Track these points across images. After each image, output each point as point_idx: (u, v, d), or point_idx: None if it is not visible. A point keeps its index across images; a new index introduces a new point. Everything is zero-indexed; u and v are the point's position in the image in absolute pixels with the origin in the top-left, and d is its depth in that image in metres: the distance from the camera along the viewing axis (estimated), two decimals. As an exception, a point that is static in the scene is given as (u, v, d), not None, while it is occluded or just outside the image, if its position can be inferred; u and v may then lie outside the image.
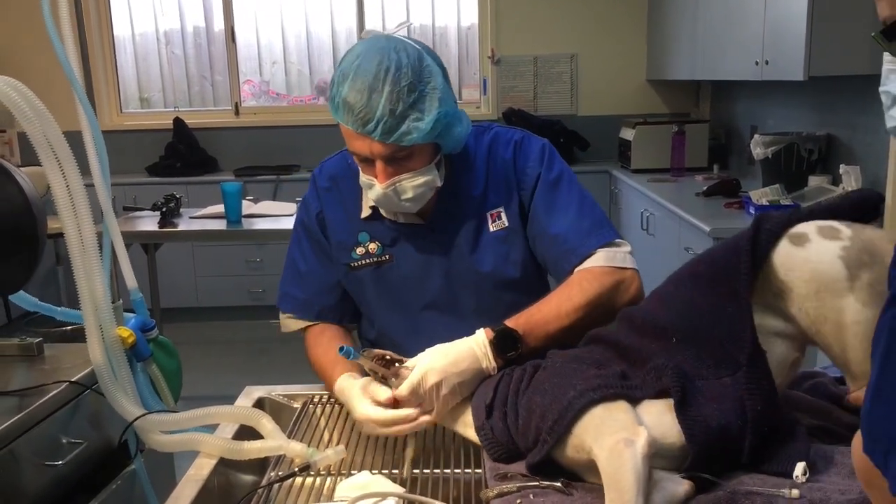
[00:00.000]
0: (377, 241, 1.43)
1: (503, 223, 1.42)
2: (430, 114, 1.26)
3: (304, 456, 1.15)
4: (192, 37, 5.31)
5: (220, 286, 4.80)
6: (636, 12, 4.95)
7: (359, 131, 1.26)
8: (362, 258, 1.44)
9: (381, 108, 1.23)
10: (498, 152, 1.43)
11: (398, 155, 1.28)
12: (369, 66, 1.24)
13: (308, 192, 1.52)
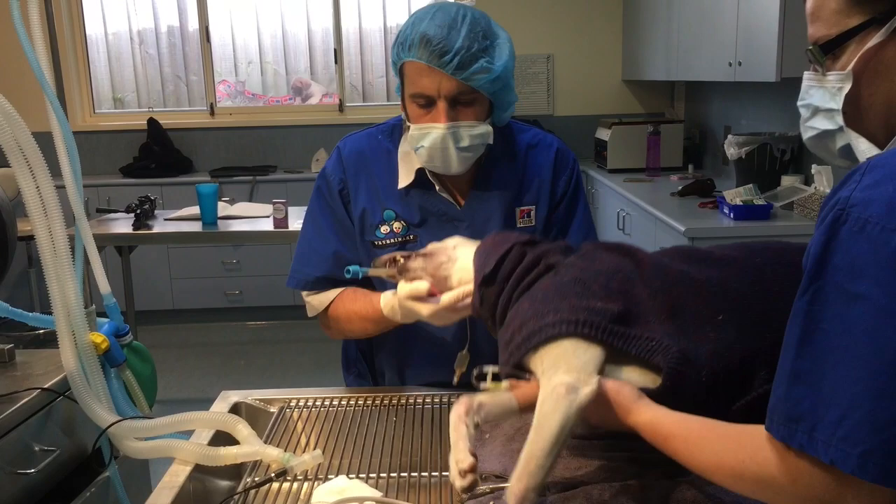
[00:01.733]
0: (403, 221, 1.46)
1: (530, 221, 1.48)
2: (500, 62, 1.34)
3: (281, 461, 1.14)
4: (167, 36, 5.26)
5: (195, 288, 4.76)
6: (612, 13, 4.98)
7: (433, 64, 1.31)
8: (387, 237, 1.46)
9: (459, 41, 1.30)
10: (538, 154, 1.51)
11: (462, 98, 1.35)
12: (447, 10, 1.34)
13: (330, 164, 1.51)
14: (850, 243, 0.69)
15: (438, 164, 1.40)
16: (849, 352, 0.68)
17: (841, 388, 0.68)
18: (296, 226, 3.23)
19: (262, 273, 4.74)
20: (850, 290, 0.69)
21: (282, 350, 4.46)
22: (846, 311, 0.69)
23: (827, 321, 0.70)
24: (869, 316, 0.68)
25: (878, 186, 0.70)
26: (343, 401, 1.41)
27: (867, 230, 0.68)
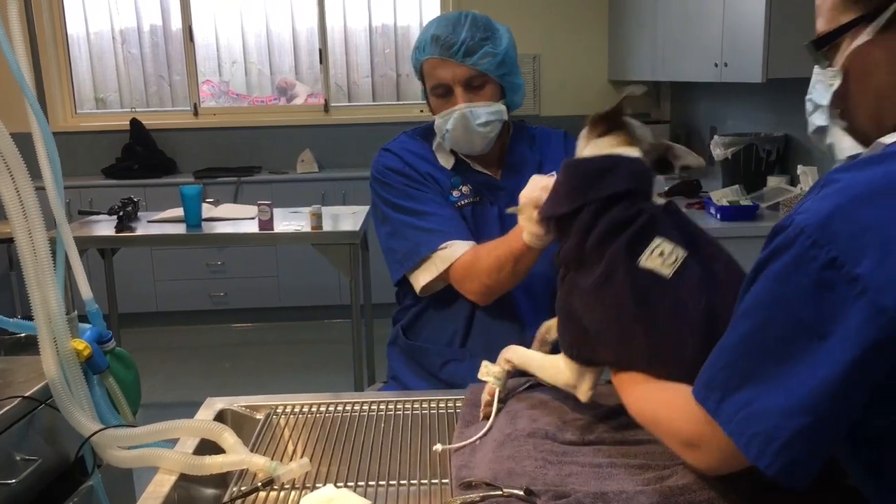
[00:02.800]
0: (468, 185, 1.68)
1: None
2: (502, 48, 1.60)
3: (268, 470, 1.12)
4: (149, 36, 5.21)
5: (179, 290, 4.72)
6: (597, 14, 4.98)
7: (444, 56, 1.57)
8: (459, 199, 1.67)
9: (462, 34, 1.57)
10: (549, 139, 1.76)
11: (474, 83, 1.59)
12: (451, 14, 1.63)
13: (382, 161, 1.69)
14: (782, 250, 0.76)
15: (463, 144, 1.64)
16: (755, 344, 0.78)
17: (750, 373, 0.78)
18: (281, 227, 3.20)
19: (247, 275, 4.71)
20: (775, 292, 0.76)
21: (267, 352, 4.43)
22: (770, 312, 0.77)
23: (753, 315, 0.79)
24: (786, 322, 0.75)
25: (823, 200, 0.74)
26: (331, 407, 1.39)
27: (799, 240, 0.74)
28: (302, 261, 4.56)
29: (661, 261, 1.01)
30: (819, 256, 0.72)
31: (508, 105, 1.65)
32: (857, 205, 0.72)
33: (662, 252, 1.02)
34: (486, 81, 1.60)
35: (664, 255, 1.01)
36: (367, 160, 4.83)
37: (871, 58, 0.83)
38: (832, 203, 0.73)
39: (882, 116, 0.84)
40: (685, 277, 1.00)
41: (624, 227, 1.04)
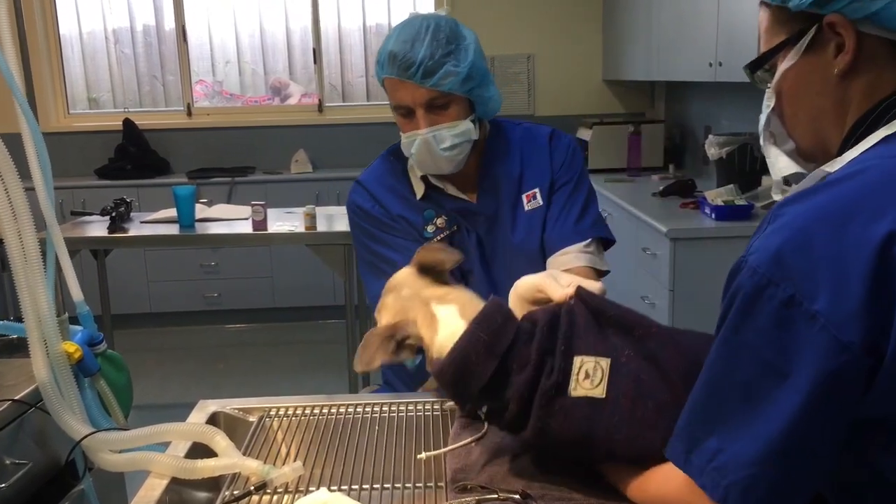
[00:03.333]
0: (443, 216, 1.57)
1: (538, 202, 1.59)
2: (465, 62, 1.44)
3: (260, 474, 1.11)
4: (142, 35, 5.19)
5: (173, 291, 4.70)
6: (592, 13, 4.97)
7: (402, 77, 1.43)
8: (435, 234, 1.57)
9: (421, 52, 1.41)
10: (534, 140, 1.62)
11: (437, 103, 1.45)
12: (412, 25, 1.45)
13: (353, 198, 1.62)
14: (739, 292, 0.75)
15: (430, 167, 1.52)
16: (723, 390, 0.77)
17: (717, 420, 0.76)
18: (275, 228, 3.18)
19: (241, 276, 4.69)
20: (736, 336, 0.76)
21: (261, 353, 4.42)
22: (733, 355, 0.76)
23: (717, 361, 0.78)
24: (748, 364, 0.74)
25: (771, 236, 0.74)
26: (325, 409, 1.38)
27: (753, 281, 0.73)
28: (296, 261, 4.54)
29: (589, 382, 0.97)
30: (776, 295, 0.71)
31: (480, 118, 1.54)
32: (806, 237, 0.71)
33: (587, 373, 0.97)
34: (451, 100, 1.46)
35: (590, 376, 0.97)
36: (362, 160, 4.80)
37: (798, 79, 0.84)
38: (781, 238, 0.73)
39: (823, 137, 0.84)
40: (619, 387, 0.96)
41: (533, 382, 0.98)
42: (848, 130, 0.81)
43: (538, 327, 1.00)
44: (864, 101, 0.80)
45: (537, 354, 0.97)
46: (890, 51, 0.78)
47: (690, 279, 2.88)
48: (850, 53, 0.78)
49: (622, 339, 1.00)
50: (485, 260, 1.58)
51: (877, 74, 0.79)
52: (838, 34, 0.79)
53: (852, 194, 0.72)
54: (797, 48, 0.82)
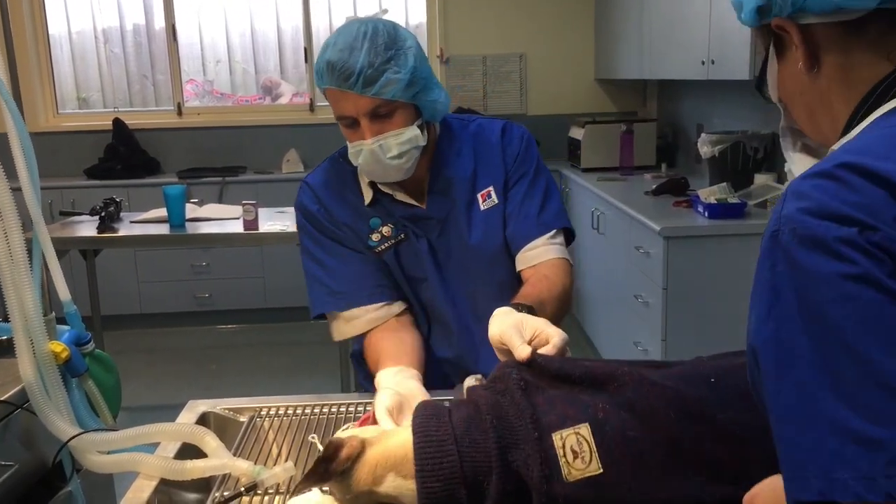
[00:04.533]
0: (389, 224, 1.52)
1: (494, 201, 1.55)
2: (406, 68, 1.38)
3: (251, 474, 1.09)
4: (132, 35, 5.16)
5: (164, 292, 4.67)
6: (584, 12, 4.97)
7: (342, 87, 1.36)
8: (380, 243, 1.53)
9: (360, 61, 1.35)
10: (486, 136, 1.57)
11: (381, 111, 1.39)
12: (349, 32, 1.38)
13: (301, 199, 1.57)
14: (798, 257, 0.64)
15: (379, 176, 1.48)
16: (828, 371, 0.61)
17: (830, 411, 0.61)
18: (266, 227, 3.17)
19: (232, 276, 4.66)
20: (814, 302, 0.63)
21: (253, 354, 4.39)
22: (818, 328, 0.62)
23: (798, 344, 0.63)
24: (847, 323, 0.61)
25: (786, 202, 0.69)
26: (315, 409, 1.36)
27: (806, 242, 0.65)
28: (288, 261, 4.51)
29: (581, 461, 0.91)
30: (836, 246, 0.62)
31: (427, 121, 1.48)
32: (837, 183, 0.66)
33: (574, 451, 0.92)
34: (395, 107, 1.40)
35: (578, 454, 0.92)
36: (353, 159, 4.69)
37: (785, 85, 0.88)
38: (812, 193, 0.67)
39: (823, 132, 0.86)
40: (612, 454, 0.91)
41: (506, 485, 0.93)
42: (846, 121, 0.81)
43: (483, 425, 0.96)
44: (842, 89, 0.81)
45: (497, 460, 0.93)
46: (839, 33, 0.79)
47: (684, 277, 2.87)
48: (801, 47, 0.81)
49: (591, 394, 0.96)
50: (438, 265, 1.53)
51: (842, 58, 0.79)
52: (787, 33, 0.82)
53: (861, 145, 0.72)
54: (772, 58, 0.88)
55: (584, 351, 4.15)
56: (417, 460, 0.95)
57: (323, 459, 0.97)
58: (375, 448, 1.00)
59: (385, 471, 0.98)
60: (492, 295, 1.48)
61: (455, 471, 0.93)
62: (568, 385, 0.99)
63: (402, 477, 0.97)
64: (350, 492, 0.99)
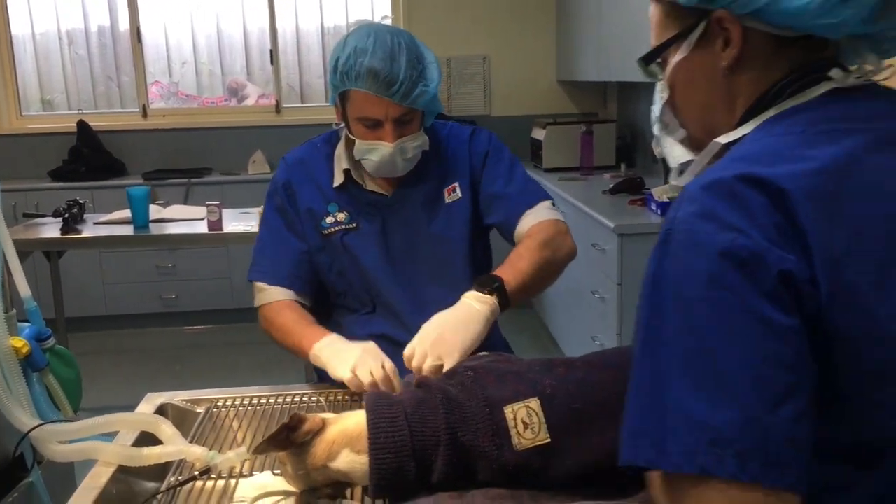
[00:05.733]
0: (346, 212, 1.65)
1: (457, 195, 1.68)
2: (433, 82, 1.52)
3: (205, 459, 1.15)
4: (97, 36, 5.15)
5: (129, 293, 4.67)
6: (545, 15, 5.06)
7: (382, 94, 1.47)
8: (332, 225, 1.65)
9: (402, 72, 1.46)
10: (456, 138, 1.71)
11: (405, 118, 1.53)
12: (384, 41, 1.48)
13: (276, 173, 1.71)
14: (681, 256, 0.71)
15: (387, 172, 1.60)
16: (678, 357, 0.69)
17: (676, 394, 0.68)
18: (231, 227, 3.20)
19: (198, 277, 4.68)
20: (685, 297, 0.70)
21: (220, 354, 4.41)
22: (682, 319, 0.69)
23: (664, 330, 0.70)
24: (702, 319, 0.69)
25: (679, 205, 0.73)
26: (271, 399, 1.42)
27: (694, 245, 0.70)
28: (254, 262, 4.54)
29: (531, 431, 1.00)
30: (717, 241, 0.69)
31: (430, 115, 1.62)
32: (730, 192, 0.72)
33: (524, 422, 1.01)
34: (416, 114, 1.55)
35: (529, 425, 1.00)
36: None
37: (689, 72, 0.87)
38: (690, 196, 0.73)
39: (712, 127, 0.88)
40: (560, 426, 1.01)
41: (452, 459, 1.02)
42: (739, 118, 0.85)
43: (432, 403, 1.04)
44: (751, 92, 0.84)
45: (445, 434, 1.02)
46: (774, 46, 0.82)
47: (638, 273, 2.93)
48: (737, 48, 0.82)
49: (539, 375, 1.06)
50: (390, 255, 1.65)
51: (762, 68, 0.83)
52: (725, 29, 0.83)
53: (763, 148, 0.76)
54: (688, 42, 0.86)
55: (546, 347, 4.23)
56: (371, 434, 1.02)
57: (286, 427, 1.03)
58: (334, 427, 1.07)
59: (340, 447, 1.05)
60: (441, 285, 1.58)
61: (405, 444, 1.01)
62: (514, 372, 1.08)
63: (355, 452, 1.04)
64: (304, 467, 1.05)
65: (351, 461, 1.04)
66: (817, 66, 0.82)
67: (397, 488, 1.02)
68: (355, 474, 1.05)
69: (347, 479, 1.06)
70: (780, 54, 0.83)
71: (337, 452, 1.04)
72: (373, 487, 1.02)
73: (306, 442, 1.05)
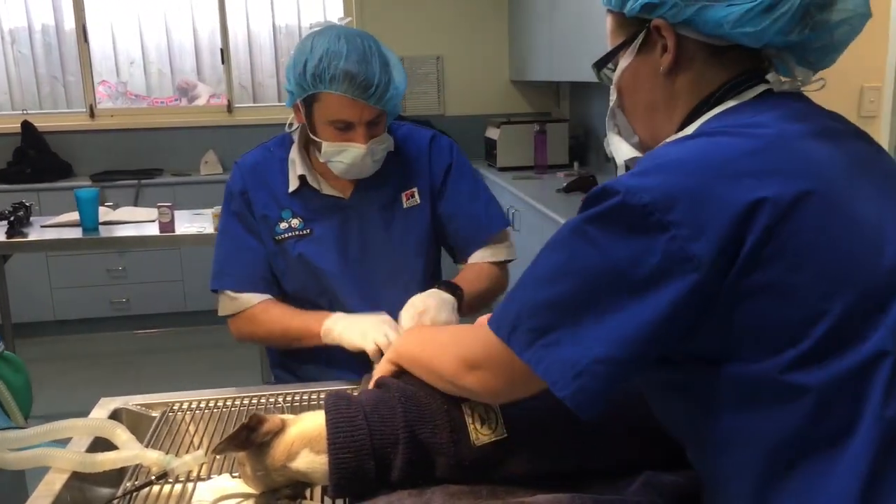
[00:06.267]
0: (300, 218, 1.64)
1: (416, 201, 1.69)
2: (401, 85, 1.54)
3: (161, 464, 1.13)
4: (41, 35, 5.02)
5: (78, 298, 4.57)
6: (498, 15, 5.09)
7: (358, 97, 1.48)
8: (285, 231, 1.64)
9: (377, 75, 1.48)
10: (415, 142, 1.71)
11: (377, 120, 1.54)
12: (356, 44, 1.49)
13: (231, 180, 1.69)
14: (609, 213, 0.79)
15: (353, 174, 1.59)
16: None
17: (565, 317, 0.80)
18: (183, 229, 3.15)
19: (149, 280, 4.60)
20: (584, 233, 0.80)
21: (173, 358, 4.35)
22: (573, 241, 0.81)
23: (557, 238, 0.83)
24: (588, 253, 0.79)
25: (645, 175, 0.79)
26: (229, 402, 1.41)
27: (627, 212, 0.77)
28: (208, 264, 4.43)
29: (488, 427, 1.03)
30: (636, 208, 0.77)
31: (392, 116, 1.63)
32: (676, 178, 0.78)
33: (481, 417, 1.03)
34: (383, 116, 1.57)
35: (486, 419, 1.03)
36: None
37: (634, 77, 0.94)
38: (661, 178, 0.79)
39: (657, 129, 0.95)
40: (517, 419, 1.03)
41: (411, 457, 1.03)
42: (680, 122, 0.91)
43: (391, 402, 1.06)
44: (690, 97, 0.91)
45: (404, 432, 1.03)
46: (707, 53, 0.89)
47: (591, 271, 2.99)
48: (671, 53, 0.89)
49: None
50: (346, 258, 1.66)
51: (698, 73, 0.90)
52: (663, 37, 0.90)
53: (709, 150, 0.80)
54: (632, 49, 0.93)
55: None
56: (330, 434, 1.02)
57: (245, 427, 1.03)
58: (293, 427, 1.07)
59: (300, 447, 1.05)
60: (396, 289, 1.59)
61: (365, 443, 1.01)
62: None
63: (315, 453, 1.04)
64: (263, 468, 1.05)
65: (310, 461, 1.04)
66: (754, 73, 0.90)
67: (357, 488, 1.02)
68: (315, 474, 1.05)
69: (307, 479, 1.07)
70: (715, 62, 0.89)
71: (296, 453, 1.04)
72: (332, 487, 1.02)
73: (265, 443, 1.05)
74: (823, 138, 0.83)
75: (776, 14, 0.83)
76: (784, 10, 0.83)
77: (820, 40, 0.87)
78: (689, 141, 0.84)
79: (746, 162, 0.78)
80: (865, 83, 2.78)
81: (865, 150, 0.88)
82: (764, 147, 0.79)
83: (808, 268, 0.74)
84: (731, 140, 0.81)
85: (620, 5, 0.92)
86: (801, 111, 0.87)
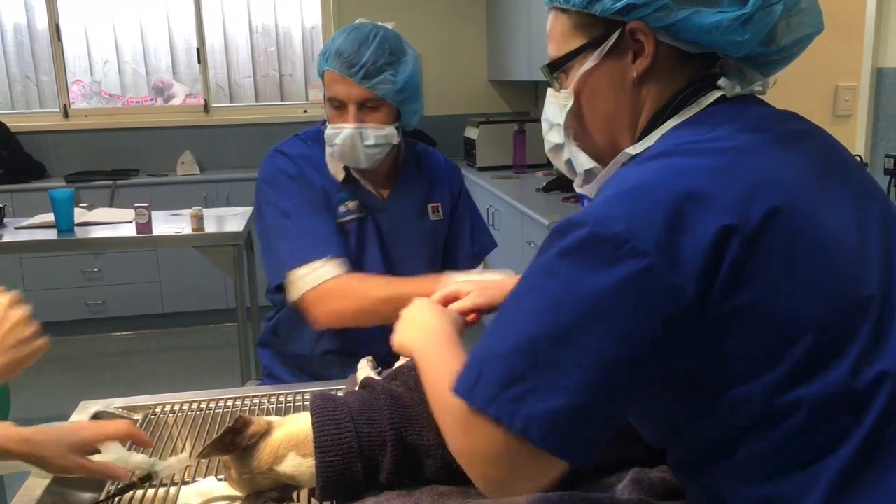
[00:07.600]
0: (356, 200, 1.68)
1: (440, 215, 1.78)
2: (403, 75, 1.58)
3: (145, 467, 1.12)
4: (13, 34, 4.94)
5: (54, 300, 4.51)
6: (476, 15, 5.10)
7: (344, 73, 1.55)
8: (345, 214, 1.67)
9: (366, 56, 1.55)
10: (434, 158, 1.82)
11: (369, 104, 1.57)
12: (362, 30, 1.60)
13: (277, 163, 1.66)
14: (579, 246, 0.74)
15: (349, 159, 1.63)
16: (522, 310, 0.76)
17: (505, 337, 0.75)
18: (160, 230, 3.12)
19: (126, 281, 4.55)
20: (553, 269, 0.74)
21: (151, 361, 4.30)
22: (543, 281, 0.76)
23: (524, 285, 0.77)
24: (559, 289, 0.74)
25: (611, 204, 0.75)
26: (211, 404, 1.39)
27: (599, 243, 0.73)
28: (184, 265, 4.45)
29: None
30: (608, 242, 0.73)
31: (402, 126, 1.65)
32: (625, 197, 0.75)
33: None
34: (382, 105, 1.58)
35: None
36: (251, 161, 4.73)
37: (597, 81, 0.88)
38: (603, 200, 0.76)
39: (614, 138, 0.90)
40: None
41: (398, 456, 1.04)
42: (642, 129, 0.88)
43: (377, 404, 1.05)
44: (652, 105, 0.87)
45: (391, 434, 1.02)
46: (676, 60, 0.86)
47: (572, 269, 3.01)
48: (649, 59, 0.84)
49: None
50: (385, 249, 1.71)
51: (666, 80, 0.86)
52: (637, 41, 0.85)
53: (671, 174, 0.77)
54: (598, 52, 0.87)
55: (483, 344, 4.26)
56: (317, 436, 1.01)
57: (230, 431, 1.02)
58: (279, 430, 1.06)
59: (286, 450, 1.04)
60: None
61: (352, 446, 1.01)
62: None
63: (301, 456, 1.03)
64: (249, 471, 1.04)
65: (297, 464, 1.03)
66: (708, 79, 0.86)
67: (344, 490, 1.02)
68: (302, 477, 1.04)
69: (294, 482, 1.06)
70: (681, 69, 0.86)
71: (283, 455, 1.04)
72: (320, 490, 1.01)
73: (251, 445, 1.04)
74: (782, 145, 0.81)
75: (761, 24, 0.81)
76: (767, 21, 0.81)
77: (784, 52, 0.87)
78: (652, 163, 0.79)
79: (710, 184, 0.74)
80: (840, 82, 2.74)
81: (823, 150, 0.86)
82: (724, 166, 0.76)
83: (782, 287, 0.73)
84: (692, 162, 0.77)
85: (585, 4, 0.86)
86: (757, 118, 0.84)
